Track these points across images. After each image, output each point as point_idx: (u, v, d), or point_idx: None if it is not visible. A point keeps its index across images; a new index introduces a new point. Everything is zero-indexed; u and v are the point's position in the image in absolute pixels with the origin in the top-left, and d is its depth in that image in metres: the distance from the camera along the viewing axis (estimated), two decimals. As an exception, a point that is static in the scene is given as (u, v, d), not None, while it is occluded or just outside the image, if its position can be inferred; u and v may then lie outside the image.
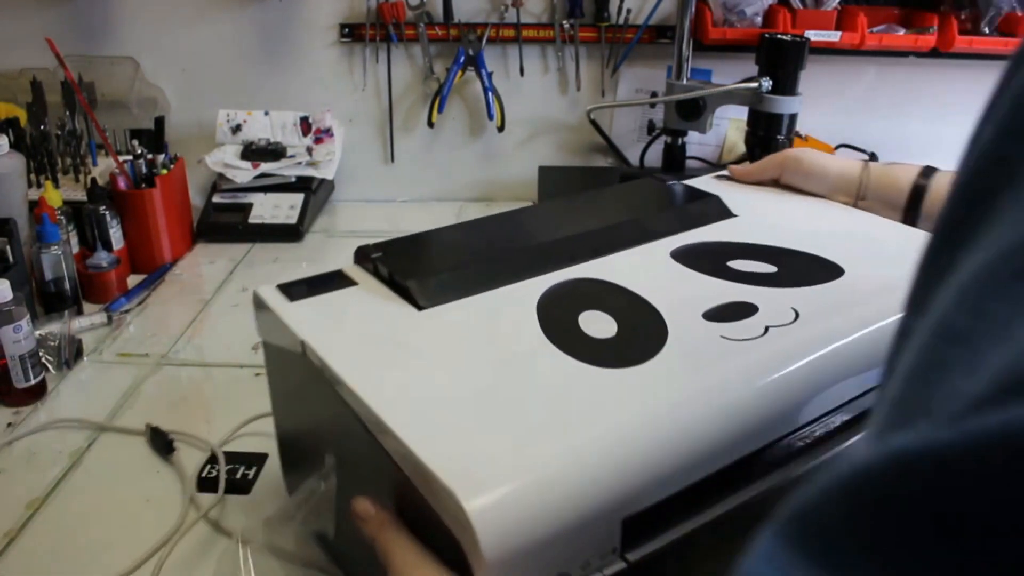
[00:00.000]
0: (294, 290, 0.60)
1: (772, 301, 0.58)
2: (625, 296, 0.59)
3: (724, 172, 0.87)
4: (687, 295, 0.59)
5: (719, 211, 0.75)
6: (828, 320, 0.56)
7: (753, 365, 0.51)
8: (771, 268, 0.64)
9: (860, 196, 0.76)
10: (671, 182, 0.82)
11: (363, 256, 0.64)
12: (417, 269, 0.61)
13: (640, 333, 0.54)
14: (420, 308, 0.57)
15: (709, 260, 0.65)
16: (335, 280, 0.62)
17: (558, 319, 0.55)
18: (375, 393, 0.48)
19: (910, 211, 0.72)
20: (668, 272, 0.63)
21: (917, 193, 0.73)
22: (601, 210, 0.77)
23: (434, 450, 0.42)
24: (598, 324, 0.55)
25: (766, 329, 0.54)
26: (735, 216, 0.75)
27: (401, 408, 0.46)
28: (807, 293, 0.60)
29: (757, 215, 0.75)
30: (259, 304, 0.61)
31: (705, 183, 0.84)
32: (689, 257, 0.66)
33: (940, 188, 0.72)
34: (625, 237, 0.68)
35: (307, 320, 0.56)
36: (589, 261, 0.64)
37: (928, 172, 0.74)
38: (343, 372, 0.50)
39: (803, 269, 0.64)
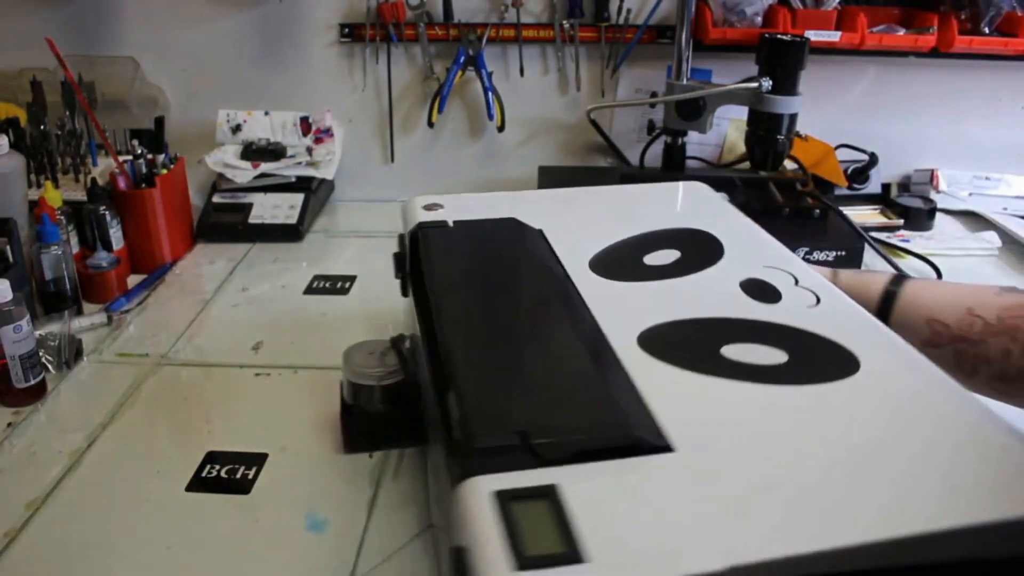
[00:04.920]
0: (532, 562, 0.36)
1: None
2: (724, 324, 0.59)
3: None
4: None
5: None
6: None
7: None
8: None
9: None
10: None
11: (488, 453, 0.43)
12: (586, 421, 0.47)
13: (815, 352, 0.54)
14: (667, 450, 0.45)
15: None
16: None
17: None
18: None
19: (880, 318, 0.67)
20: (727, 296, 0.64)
21: (887, 300, 0.71)
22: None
23: None
24: (754, 353, 0.54)
25: None
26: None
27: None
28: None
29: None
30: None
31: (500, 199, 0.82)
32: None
33: (910, 295, 0.70)
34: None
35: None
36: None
37: (898, 280, 0.72)
38: None
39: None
